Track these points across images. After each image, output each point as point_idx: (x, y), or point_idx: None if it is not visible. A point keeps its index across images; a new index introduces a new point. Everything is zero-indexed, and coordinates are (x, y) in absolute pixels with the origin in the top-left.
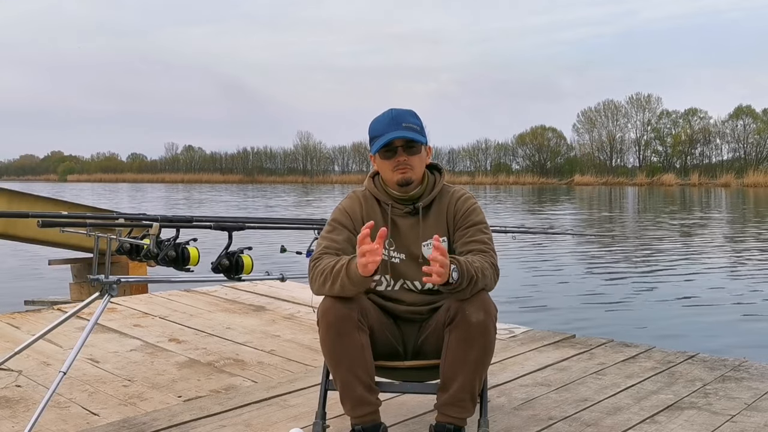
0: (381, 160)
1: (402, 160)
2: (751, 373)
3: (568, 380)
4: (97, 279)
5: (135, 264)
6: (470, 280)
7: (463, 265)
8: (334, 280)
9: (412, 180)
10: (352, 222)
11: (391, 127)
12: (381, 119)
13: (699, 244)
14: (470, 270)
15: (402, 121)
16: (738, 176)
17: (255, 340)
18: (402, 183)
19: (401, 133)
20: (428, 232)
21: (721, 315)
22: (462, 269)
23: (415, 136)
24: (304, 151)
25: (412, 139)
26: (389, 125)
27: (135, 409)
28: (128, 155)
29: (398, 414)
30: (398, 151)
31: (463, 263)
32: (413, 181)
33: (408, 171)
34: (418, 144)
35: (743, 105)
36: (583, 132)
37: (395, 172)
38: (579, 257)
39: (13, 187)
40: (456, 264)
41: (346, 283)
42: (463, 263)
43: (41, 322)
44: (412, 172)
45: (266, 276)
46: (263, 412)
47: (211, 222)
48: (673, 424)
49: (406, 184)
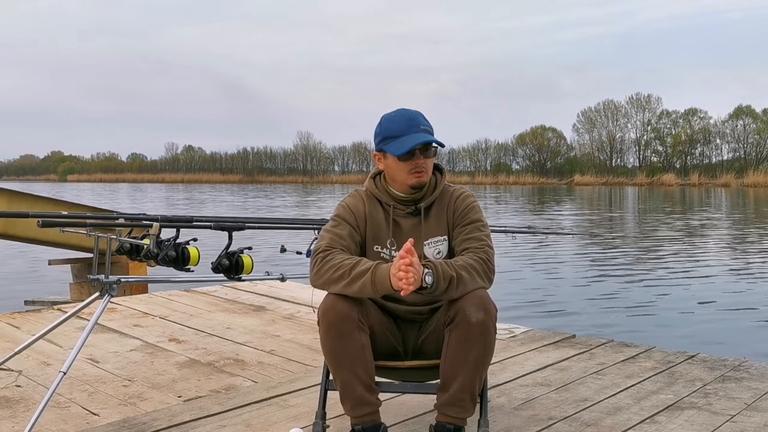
0: (397, 162)
1: (420, 162)
2: (751, 373)
3: (568, 380)
4: (97, 279)
5: (135, 264)
6: (449, 281)
7: (438, 268)
8: (354, 280)
9: (425, 183)
10: (355, 219)
11: (411, 129)
12: (396, 119)
13: (699, 244)
14: (447, 272)
15: (419, 123)
16: (738, 176)
17: (255, 340)
18: (416, 186)
19: (427, 137)
20: (430, 232)
21: (721, 315)
22: (438, 272)
23: (438, 141)
24: (304, 151)
25: (438, 143)
26: (408, 127)
27: (135, 409)
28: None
29: (398, 414)
30: (416, 154)
31: (437, 266)
32: (426, 183)
33: (423, 174)
34: (435, 147)
35: (743, 105)
36: (583, 132)
37: (411, 174)
38: (579, 257)
39: (13, 187)
40: (431, 267)
41: (368, 286)
42: (438, 266)
43: (41, 322)
44: (426, 175)
45: (266, 276)
46: (263, 412)
47: (211, 222)
48: (673, 424)
49: (420, 188)
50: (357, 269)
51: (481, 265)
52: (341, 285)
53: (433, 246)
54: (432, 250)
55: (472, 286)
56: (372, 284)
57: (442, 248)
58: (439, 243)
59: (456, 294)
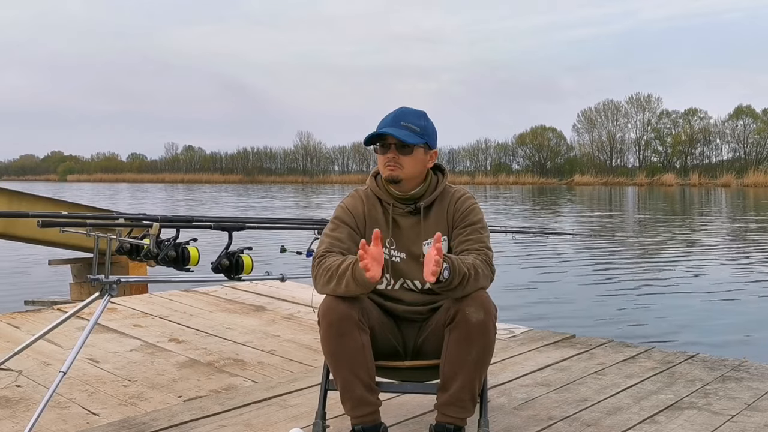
0: (377, 155)
1: (391, 157)
2: (751, 373)
3: (568, 380)
4: (97, 279)
5: (135, 264)
6: (462, 278)
7: (455, 264)
8: (339, 279)
9: (399, 178)
10: (354, 220)
11: (390, 123)
12: (387, 115)
13: (699, 244)
14: (462, 268)
15: (402, 119)
16: (738, 176)
17: (255, 340)
18: (388, 179)
19: (389, 130)
20: (429, 231)
21: (721, 315)
22: (454, 267)
23: (404, 137)
24: (304, 151)
25: (400, 140)
26: (390, 121)
27: (135, 409)
28: (128, 155)
29: (398, 414)
30: (391, 148)
31: (455, 261)
32: (401, 179)
33: (396, 169)
34: (411, 145)
35: (743, 105)
36: (583, 132)
37: (385, 168)
38: (579, 257)
39: (13, 187)
40: (448, 262)
41: (351, 283)
42: (455, 261)
43: (41, 322)
44: (400, 170)
45: (266, 276)
46: (263, 412)
47: (211, 222)
48: (673, 424)
49: (393, 182)
50: (341, 268)
51: (485, 267)
52: (332, 286)
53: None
54: None
55: (477, 287)
56: (354, 280)
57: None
58: None
59: (462, 292)
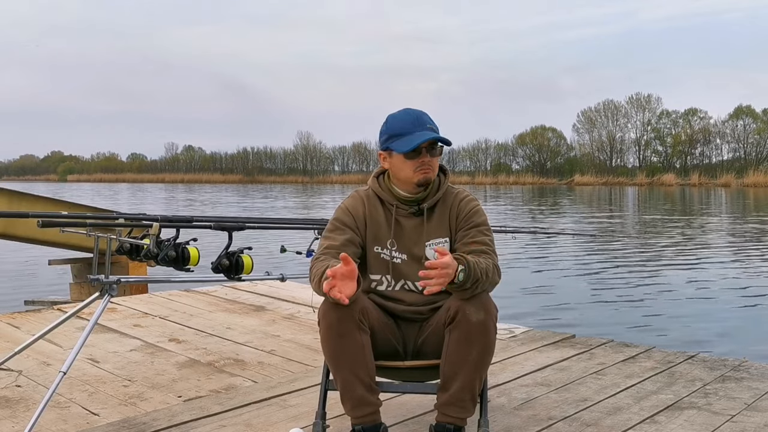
0: (404, 160)
1: (426, 160)
2: (751, 373)
3: (568, 380)
4: (97, 279)
5: (135, 264)
6: (475, 281)
7: (471, 267)
8: (319, 284)
9: (431, 180)
10: (354, 221)
11: (417, 127)
12: (403, 118)
13: (699, 244)
14: (477, 272)
15: (425, 122)
16: (738, 176)
17: (255, 340)
18: (422, 183)
19: (434, 134)
20: (432, 232)
21: (721, 315)
22: (470, 271)
23: (445, 138)
24: (304, 151)
25: (445, 141)
26: (414, 125)
27: (135, 409)
28: (128, 155)
29: (398, 414)
30: (422, 152)
31: (472, 265)
32: (432, 181)
33: (430, 172)
34: (441, 146)
35: (743, 105)
36: (583, 132)
37: (417, 172)
38: (579, 257)
39: (13, 187)
40: (465, 265)
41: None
42: (472, 265)
43: (41, 322)
44: (432, 173)
45: (266, 276)
46: (263, 412)
47: (211, 222)
48: (673, 424)
49: (427, 185)
50: (321, 272)
51: (495, 272)
52: (319, 289)
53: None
54: (433, 252)
55: (484, 290)
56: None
57: None
58: (440, 244)
59: (470, 294)
